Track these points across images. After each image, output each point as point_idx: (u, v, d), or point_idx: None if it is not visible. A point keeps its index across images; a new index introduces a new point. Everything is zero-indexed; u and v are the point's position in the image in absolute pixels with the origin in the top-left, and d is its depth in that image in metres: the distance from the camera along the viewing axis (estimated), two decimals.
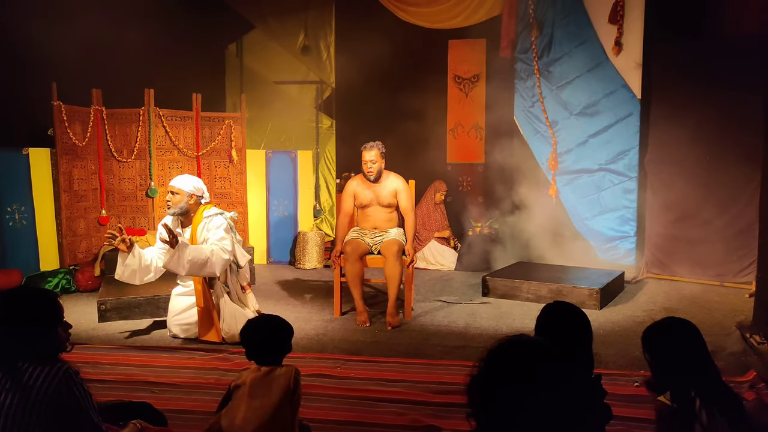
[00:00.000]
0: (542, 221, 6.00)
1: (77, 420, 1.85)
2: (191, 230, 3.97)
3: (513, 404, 1.24)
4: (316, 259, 6.51)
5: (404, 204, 4.62)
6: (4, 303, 1.89)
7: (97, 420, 1.90)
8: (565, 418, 1.22)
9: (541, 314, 2.17)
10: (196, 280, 3.89)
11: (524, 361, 1.29)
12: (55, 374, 1.80)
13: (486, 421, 1.26)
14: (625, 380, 3.13)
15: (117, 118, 5.82)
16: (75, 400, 1.83)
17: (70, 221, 5.59)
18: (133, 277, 3.84)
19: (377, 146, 4.57)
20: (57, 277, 5.26)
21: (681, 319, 2.06)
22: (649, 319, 4.40)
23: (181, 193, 3.95)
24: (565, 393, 1.26)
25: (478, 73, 7.06)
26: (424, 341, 3.97)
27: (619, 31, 5.58)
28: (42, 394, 1.77)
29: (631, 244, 5.80)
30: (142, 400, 2.66)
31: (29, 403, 1.76)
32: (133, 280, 3.86)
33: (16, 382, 1.77)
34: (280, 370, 2.29)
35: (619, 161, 5.75)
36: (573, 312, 2.14)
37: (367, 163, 4.55)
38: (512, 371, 1.28)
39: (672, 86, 5.50)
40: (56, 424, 1.81)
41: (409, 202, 4.64)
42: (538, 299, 4.88)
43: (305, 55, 7.13)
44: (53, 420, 1.80)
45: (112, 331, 4.21)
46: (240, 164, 6.27)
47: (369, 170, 4.55)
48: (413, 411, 2.83)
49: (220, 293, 3.92)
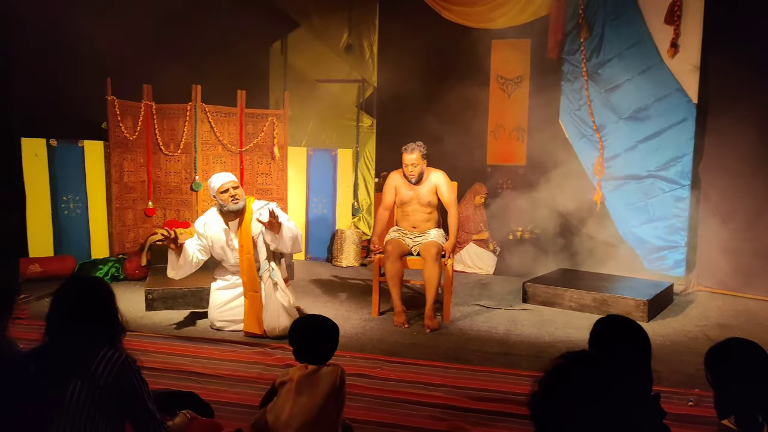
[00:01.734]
0: (585, 228, 5.88)
1: (134, 407, 1.89)
2: (241, 223, 4.02)
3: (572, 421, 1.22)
4: (353, 257, 6.52)
5: (446, 198, 4.55)
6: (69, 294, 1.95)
7: (153, 408, 1.93)
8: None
9: (596, 328, 2.09)
10: (245, 272, 3.95)
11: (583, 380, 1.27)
12: (115, 361, 1.85)
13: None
14: (678, 398, 3.01)
15: (165, 112, 5.95)
16: (133, 387, 1.87)
17: (119, 212, 5.74)
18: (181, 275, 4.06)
19: (419, 148, 4.47)
20: (107, 265, 5.45)
21: (747, 340, 1.98)
22: (702, 334, 4.26)
23: (241, 187, 4.10)
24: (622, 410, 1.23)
25: (522, 74, 6.96)
26: (463, 346, 3.93)
27: (675, 32, 5.39)
28: (103, 381, 1.81)
29: (680, 255, 5.61)
30: (189, 390, 2.71)
31: (91, 389, 1.80)
32: (180, 277, 4.08)
33: (85, 368, 1.82)
34: (327, 369, 2.30)
35: (670, 168, 5.57)
36: (631, 327, 2.06)
37: (408, 167, 4.49)
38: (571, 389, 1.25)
39: (732, 90, 5.25)
40: (116, 410, 1.85)
41: (451, 195, 4.57)
42: (581, 308, 4.78)
43: (348, 54, 7.14)
44: (113, 406, 1.84)
45: (159, 320, 4.31)
46: (281, 161, 6.33)
47: (411, 174, 4.50)
48: (454, 417, 2.80)
49: (268, 286, 3.97)
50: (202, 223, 4.14)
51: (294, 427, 2.20)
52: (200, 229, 4.11)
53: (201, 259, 4.08)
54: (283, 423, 2.22)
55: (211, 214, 4.15)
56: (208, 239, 4.08)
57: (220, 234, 4.07)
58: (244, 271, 3.99)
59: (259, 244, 4.03)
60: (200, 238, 4.10)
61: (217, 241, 4.07)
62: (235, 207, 4.01)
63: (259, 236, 4.02)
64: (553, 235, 6.14)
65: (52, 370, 1.83)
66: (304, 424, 2.20)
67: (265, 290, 3.97)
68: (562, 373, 1.28)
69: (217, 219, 4.10)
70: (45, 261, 5.30)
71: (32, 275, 5.11)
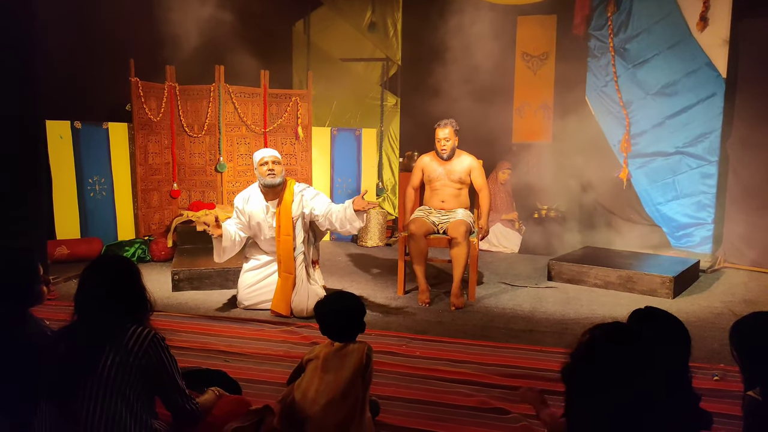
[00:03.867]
0: (611, 205, 5.80)
1: (164, 383, 1.93)
2: (281, 204, 4.03)
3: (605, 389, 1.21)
4: (377, 237, 6.54)
5: (479, 181, 4.64)
6: (97, 274, 1.98)
7: (182, 384, 1.98)
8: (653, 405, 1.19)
9: (631, 321, 2.04)
10: (281, 253, 3.99)
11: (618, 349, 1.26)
12: (144, 338, 1.88)
13: (580, 404, 1.24)
14: (704, 374, 3.00)
15: (189, 94, 5.98)
16: (163, 363, 1.91)
17: (144, 193, 5.82)
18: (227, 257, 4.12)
19: (451, 124, 4.57)
20: (134, 247, 5.50)
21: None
22: (727, 310, 4.21)
23: (281, 164, 4.10)
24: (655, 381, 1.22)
25: (548, 50, 6.83)
26: (489, 323, 3.94)
27: (705, 6, 5.26)
28: (133, 357, 1.86)
29: (707, 232, 5.53)
30: (217, 368, 2.75)
31: (121, 365, 1.84)
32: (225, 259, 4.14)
33: (116, 344, 1.86)
34: (354, 346, 2.32)
35: (698, 144, 5.47)
36: (670, 321, 1.97)
37: (441, 141, 4.56)
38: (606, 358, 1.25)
39: (762, 64, 5.14)
40: (146, 386, 1.90)
41: (483, 179, 4.68)
42: (606, 285, 4.74)
43: (372, 32, 7.07)
44: (143, 382, 1.88)
45: (185, 300, 4.38)
46: (306, 141, 6.33)
47: (443, 148, 4.56)
48: (481, 393, 2.81)
49: (301, 269, 4.02)
50: (242, 198, 4.16)
51: (320, 403, 2.22)
52: (239, 204, 4.14)
53: (243, 237, 4.14)
54: (309, 400, 2.24)
55: (253, 188, 4.18)
56: (246, 215, 4.10)
57: (259, 210, 4.09)
58: (280, 252, 4.01)
59: (298, 227, 4.04)
60: (239, 216, 4.13)
61: (255, 216, 4.09)
62: (270, 181, 4.02)
63: (298, 219, 4.04)
64: (578, 213, 6.07)
65: (81, 347, 1.87)
66: (330, 400, 2.22)
67: (298, 273, 4.00)
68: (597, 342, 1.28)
69: (258, 195, 4.12)
70: (72, 243, 5.35)
71: (60, 257, 5.18)
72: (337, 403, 2.23)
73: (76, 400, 1.82)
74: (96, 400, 1.81)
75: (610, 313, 4.15)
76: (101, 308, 1.92)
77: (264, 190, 4.10)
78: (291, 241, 3.99)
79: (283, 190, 4.08)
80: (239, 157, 6.11)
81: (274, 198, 4.09)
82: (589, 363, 1.25)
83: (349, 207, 3.88)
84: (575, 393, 1.26)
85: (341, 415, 2.21)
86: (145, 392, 1.91)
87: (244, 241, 4.17)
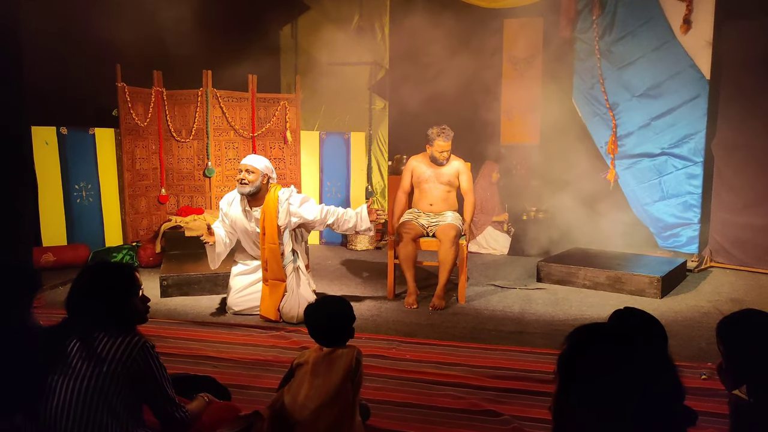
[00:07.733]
0: (599, 206, 5.84)
1: (152, 391, 1.92)
2: (264, 210, 3.99)
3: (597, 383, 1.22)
4: (367, 241, 6.54)
5: (465, 185, 4.66)
6: (84, 276, 1.97)
7: (171, 393, 1.96)
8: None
9: (611, 320, 2.07)
10: (270, 257, 3.95)
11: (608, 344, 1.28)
12: (133, 346, 1.87)
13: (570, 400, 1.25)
14: (691, 372, 3.03)
15: (176, 98, 5.96)
16: (151, 371, 1.89)
17: (132, 199, 5.78)
18: (221, 261, 4.14)
19: (449, 134, 4.59)
20: (121, 253, 5.46)
21: (759, 311, 1.98)
22: (714, 309, 4.25)
23: (257, 172, 3.99)
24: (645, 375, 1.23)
25: (534, 53, 6.88)
26: (479, 325, 3.95)
27: (688, 8, 5.31)
28: (120, 365, 1.84)
29: (694, 232, 5.58)
30: (206, 374, 2.74)
31: (108, 373, 1.82)
32: (219, 264, 4.15)
33: (92, 351, 1.84)
34: (343, 351, 2.31)
35: (683, 145, 5.52)
36: (647, 321, 2.03)
37: (442, 153, 4.58)
38: (599, 350, 1.26)
39: (744, 66, 5.21)
40: (133, 393, 1.88)
41: (470, 183, 4.70)
42: (595, 286, 4.77)
43: (360, 36, 7.08)
44: (131, 390, 1.87)
45: (174, 306, 4.35)
46: (294, 145, 6.32)
47: (443, 158, 4.60)
48: (471, 395, 2.82)
49: (292, 272, 4.00)
50: (226, 201, 4.14)
51: (310, 408, 2.22)
52: (224, 207, 4.13)
53: (233, 239, 4.14)
54: (299, 404, 2.24)
55: (236, 193, 4.14)
56: (230, 218, 4.10)
57: (240, 215, 4.08)
58: (266, 260, 3.97)
59: (285, 236, 4.01)
60: (224, 218, 4.13)
61: (239, 221, 4.08)
62: (240, 190, 4.00)
63: (286, 228, 4.00)
64: (566, 214, 6.10)
65: (66, 352, 1.86)
66: (320, 405, 2.22)
67: (288, 281, 3.98)
68: (591, 333, 1.29)
69: (241, 200, 4.10)
70: (58, 250, 5.31)
71: (46, 264, 5.13)
72: (327, 408, 2.23)
73: (54, 406, 1.79)
74: (77, 407, 1.79)
75: (599, 313, 4.18)
76: (90, 313, 1.91)
77: (243, 196, 4.08)
78: (277, 249, 3.96)
79: (262, 195, 4.04)
80: (227, 162, 6.09)
81: (257, 205, 4.06)
82: (580, 353, 1.28)
83: (363, 210, 4.02)
84: (567, 382, 1.28)
85: (331, 420, 2.20)
86: (132, 400, 1.89)
87: (234, 242, 4.16)
